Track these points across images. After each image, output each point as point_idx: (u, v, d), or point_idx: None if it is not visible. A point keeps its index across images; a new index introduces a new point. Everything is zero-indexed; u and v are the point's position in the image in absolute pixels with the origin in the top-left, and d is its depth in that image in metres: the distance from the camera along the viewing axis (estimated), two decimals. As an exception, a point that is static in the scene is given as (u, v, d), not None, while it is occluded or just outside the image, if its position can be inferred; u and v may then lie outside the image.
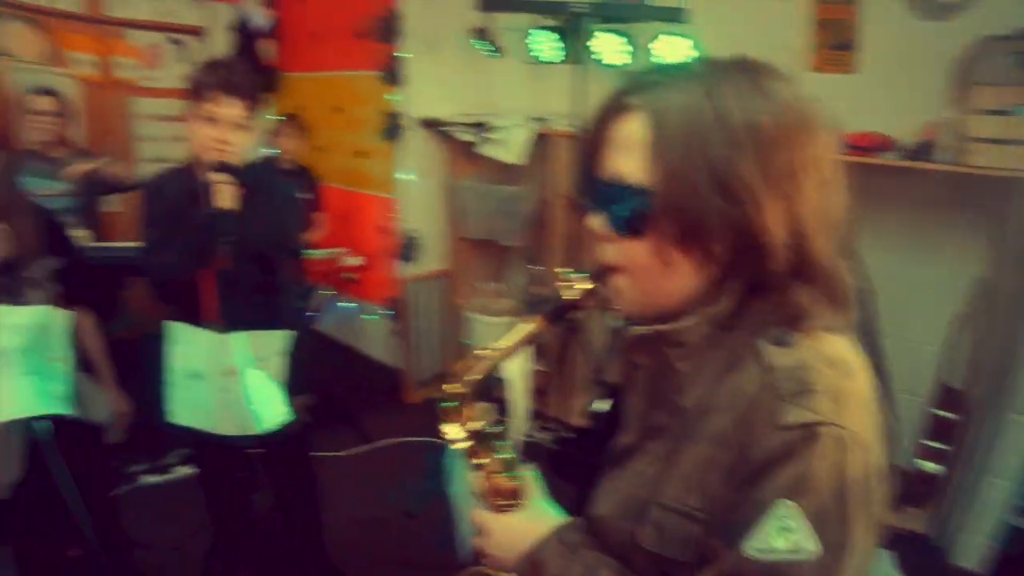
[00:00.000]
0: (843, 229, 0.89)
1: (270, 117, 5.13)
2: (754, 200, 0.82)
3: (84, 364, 2.39)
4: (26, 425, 2.04)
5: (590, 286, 1.03)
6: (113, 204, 4.55)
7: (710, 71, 0.88)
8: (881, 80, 3.26)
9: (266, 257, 2.39)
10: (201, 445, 2.50)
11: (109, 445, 2.57)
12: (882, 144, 3.15)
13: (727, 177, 0.81)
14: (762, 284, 0.87)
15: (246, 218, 2.20)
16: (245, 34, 5.53)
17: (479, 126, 4.39)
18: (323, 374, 4.37)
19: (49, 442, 2.02)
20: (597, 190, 0.93)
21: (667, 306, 0.92)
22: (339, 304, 4.83)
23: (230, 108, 2.16)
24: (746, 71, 0.87)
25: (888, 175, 3.12)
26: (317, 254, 4.35)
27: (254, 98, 2.24)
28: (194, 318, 2.25)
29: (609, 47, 3.73)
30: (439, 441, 2.15)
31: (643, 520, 0.92)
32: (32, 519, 2.27)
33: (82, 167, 3.75)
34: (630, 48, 3.67)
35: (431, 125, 4.64)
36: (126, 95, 5.16)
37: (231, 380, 2.21)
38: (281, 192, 2.53)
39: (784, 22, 3.46)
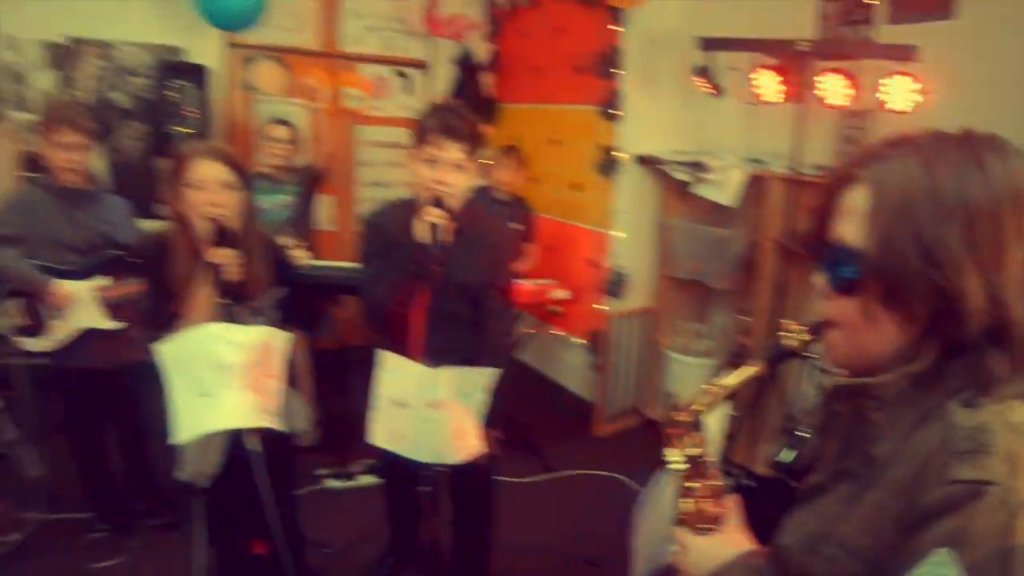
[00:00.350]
0: None
1: (489, 149, 5.40)
2: (957, 269, 0.88)
3: (289, 376, 2.61)
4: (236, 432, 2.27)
5: (809, 337, 1.12)
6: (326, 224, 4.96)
7: (932, 144, 0.94)
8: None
9: (476, 292, 2.49)
10: (392, 462, 2.57)
11: (300, 448, 2.77)
12: None
13: (933, 246, 0.88)
14: (959, 347, 0.92)
15: (459, 255, 2.32)
16: (467, 67, 5.88)
17: (695, 165, 4.33)
18: (516, 400, 4.50)
19: (254, 449, 2.20)
20: (822, 252, 1.03)
21: (871, 362, 0.99)
22: (541, 334, 4.95)
23: (450, 151, 2.29)
24: (968, 145, 0.93)
25: None
26: (525, 284, 4.46)
27: (473, 141, 2.36)
28: (402, 347, 2.38)
29: (833, 87, 3.55)
30: (621, 476, 2.13)
31: (819, 553, 0.99)
32: (224, 511, 2.51)
33: None
34: (852, 90, 3.47)
35: (646, 162, 4.65)
36: (352, 123, 5.69)
37: (434, 412, 2.29)
38: (495, 231, 2.64)
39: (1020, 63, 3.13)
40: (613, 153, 4.77)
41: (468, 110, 2.46)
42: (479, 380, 2.30)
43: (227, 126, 5.23)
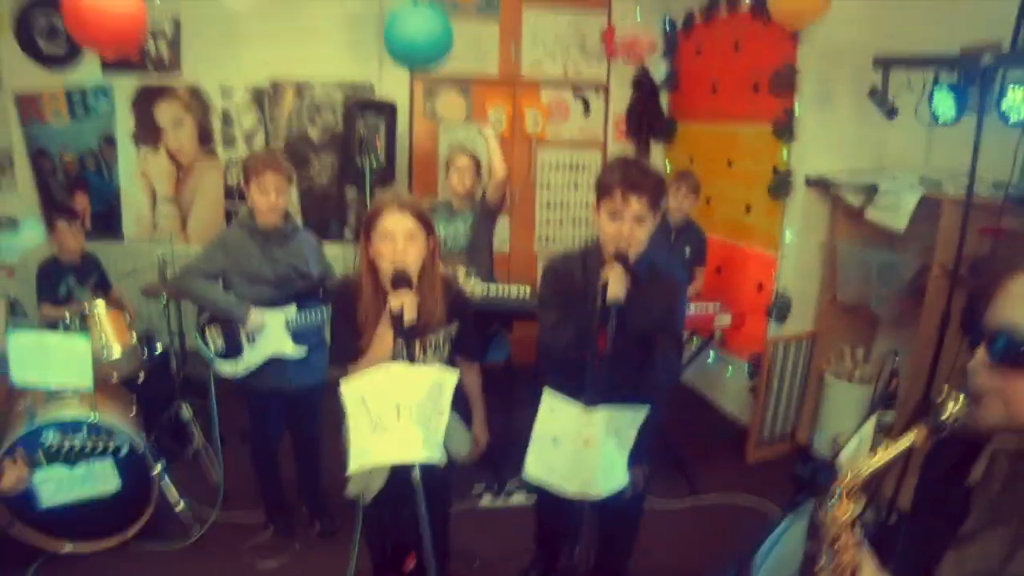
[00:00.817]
0: None
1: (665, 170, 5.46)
2: None
3: (459, 401, 2.71)
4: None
5: (966, 406, 1.21)
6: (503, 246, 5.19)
7: None
8: None
9: (647, 340, 2.56)
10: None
11: (458, 468, 2.94)
12: None
13: None
14: None
15: (635, 305, 2.39)
16: (644, 87, 5.92)
17: (868, 188, 4.16)
18: (671, 420, 4.54)
19: (416, 476, 2.41)
20: (987, 329, 1.15)
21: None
22: (704, 356, 4.93)
23: (633, 205, 2.36)
24: None
25: None
26: (692, 308, 4.46)
27: (655, 194, 2.42)
28: (572, 385, 2.46)
29: (1019, 102, 3.29)
30: (769, 503, 2.14)
31: None
32: (381, 526, 2.74)
33: None
34: None
35: (818, 184, 4.52)
36: (532, 146, 5.88)
37: (586, 448, 2.41)
38: (670, 282, 2.69)
39: None
40: (786, 175, 4.70)
41: (649, 164, 2.56)
42: (631, 419, 2.40)
43: (413, 156, 5.63)
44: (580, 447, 2.35)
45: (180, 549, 3.59)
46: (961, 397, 1.20)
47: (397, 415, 2.26)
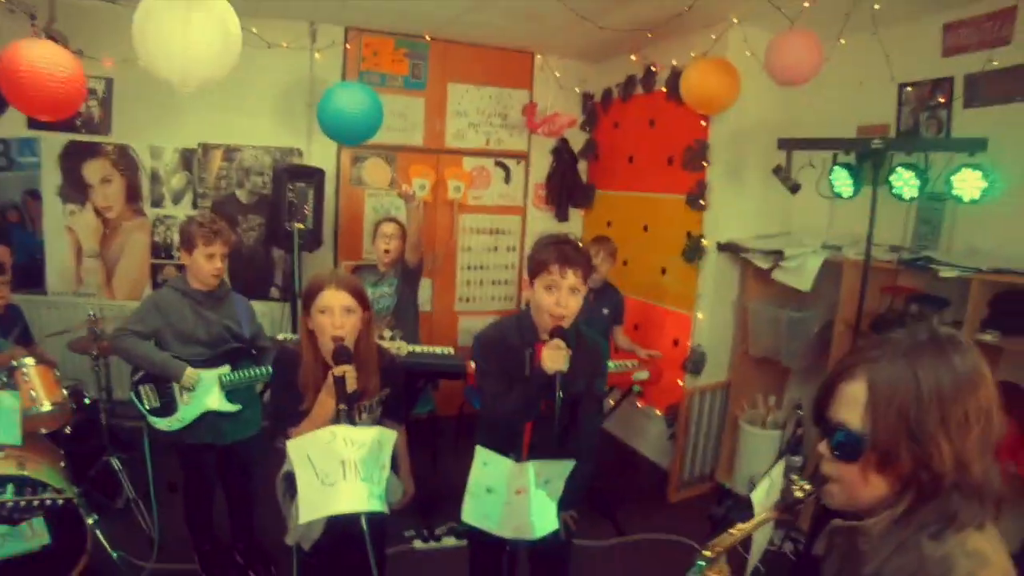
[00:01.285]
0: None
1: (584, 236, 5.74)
2: (935, 443, 1.19)
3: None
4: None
5: (811, 490, 1.39)
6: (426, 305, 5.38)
7: (911, 347, 1.25)
8: None
9: (577, 402, 2.72)
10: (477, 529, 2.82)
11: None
12: None
13: (917, 430, 1.19)
14: (930, 495, 1.22)
15: (570, 375, 2.55)
16: (564, 156, 6.26)
17: (775, 253, 4.53)
18: (598, 467, 4.69)
19: (364, 525, 2.50)
20: (827, 426, 1.33)
21: (861, 507, 1.30)
22: (625, 407, 5.18)
23: (568, 277, 2.55)
24: (937, 346, 1.24)
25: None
26: (612, 366, 4.67)
27: (586, 268, 2.62)
28: (509, 443, 2.66)
29: (905, 180, 3.73)
30: (690, 540, 2.31)
31: None
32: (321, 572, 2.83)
33: None
34: (918, 182, 3.67)
35: (729, 248, 4.86)
36: (454, 211, 6.11)
37: (518, 497, 2.59)
38: (595, 348, 2.87)
39: None
40: (699, 240, 5.04)
41: (576, 241, 2.72)
42: (559, 470, 2.57)
43: (340, 220, 5.76)
44: (513, 496, 2.52)
45: None
46: (805, 484, 1.40)
47: (343, 471, 2.39)
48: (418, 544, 4.15)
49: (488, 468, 2.54)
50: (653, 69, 5.38)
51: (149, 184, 5.17)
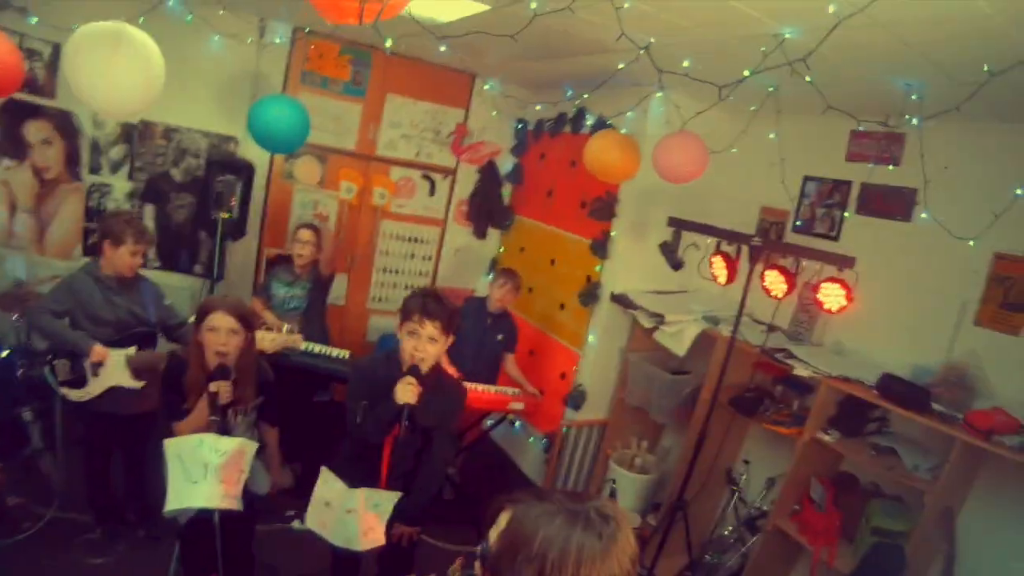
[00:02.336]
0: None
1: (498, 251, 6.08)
2: None
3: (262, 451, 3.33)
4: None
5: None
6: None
7: (558, 509, 1.38)
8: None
9: (429, 433, 3.19)
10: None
11: (267, 498, 3.46)
12: (1004, 427, 3.14)
13: (511, 569, 1.36)
14: None
15: (423, 409, 2.98)
16: (490, 177, 6.56)
17: (658, 316, 4.86)
18: (478, 475, 5.42)
19: (216, 519, 2.95)
20: (481, 540, 1.50)
21: None
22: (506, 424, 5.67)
23: (427, 328, 2.96)
24: (586, 519, 1.37)
25: (1002, 460, 3.19)
26: (494, 390, 5.11)
27: (446, 321, 3.00)
28: (372, 467, 3.08)
29: (774, 279, 4.07)
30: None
31: None
32: (193, 542, 3.26)
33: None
34: (785, 287, 4.01)
35: (620, 301, 5.18)
36: (377, 216, 6.40)
37: (348, 516, 2.99)
38: (453, 391, 3.31)
39: (959, 266, 3.70)
40: (596, 287, 5.37)
41: (447, 298, 3.09)
42: (388, 499, 2.97)
43: (268, 210, 6.01)
44: (343, 514, 2.92)
45: (13, 543, 3.95)
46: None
47: (205, 472, 2.82)
48: (296, 524, 4.53)
49: (327, 486, 2.94)
50: (584, 112, 5.61)
51: (89, 152, 5.33)
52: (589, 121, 5.51)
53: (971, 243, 3.47)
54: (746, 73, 3.46)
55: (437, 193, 6.56)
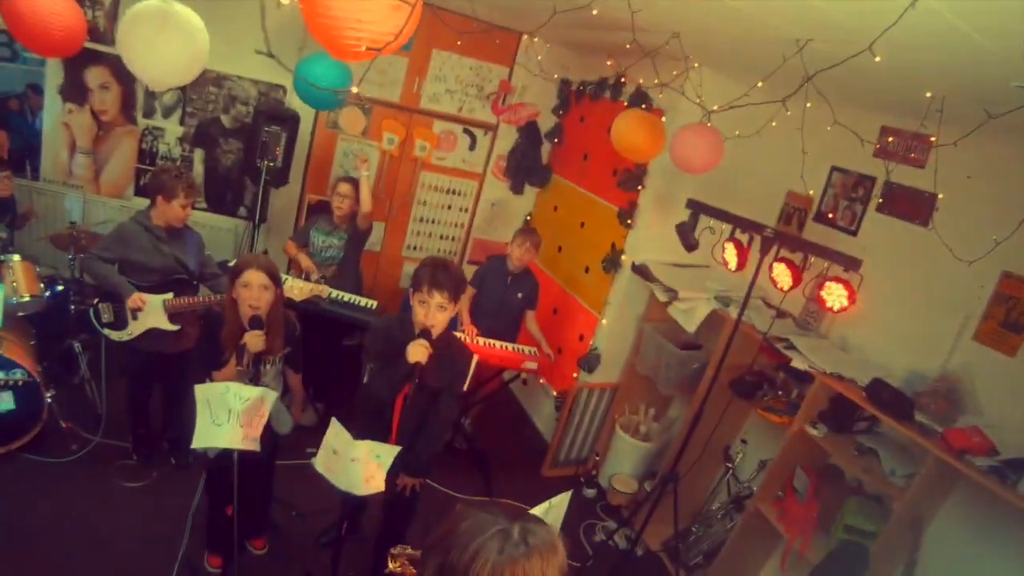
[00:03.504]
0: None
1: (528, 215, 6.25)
2: None
3: (286, 394, 3.76)
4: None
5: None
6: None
7: (497, 523, 1.40)
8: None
9: (437, 392, 3.48)
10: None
11: (286, 437, 3.84)
12: (978, 448, 3.24)
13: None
14: None
15: (432, 368, 3.26)
16: (531, 135, 6.65)
17: (672, 292, 4.99)
18: (491, 425, 5.78)
19: (235, 457, 3.34)
20: None
21: None
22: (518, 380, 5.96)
23: (435, 297, 3.20)
24: (523, 544, 1.37)
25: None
26: (512, 348, 5.34)
27: (454, 290, 3.24)
28: (385, 421, 3.43)
29: (781, 272, 4.15)
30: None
31: None
32: (218, 473, 3.65)
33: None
34: (793, 280, 4.10)
35: (640, 271, 5.32)
36: (417, 168, 6.60)
37: (352, 464, 3.23)
38: (462, 355, 3.57)
39: (967, 279, 3.68)
40: (619, 255, 5.51)
41: (453, 266, 3.32)
42: (389, 452, 3.20)
43: (311, 159, 6.24)
44: (348, 462, 3.17)
45: (59, 463, 4.45)
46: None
47: (228, 417, 3.17)
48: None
49: (336, 435, 3.19)
50: (622, 79, 5.63)
51: (144, 96, 5.64)
52: (629, 88, 5.53)
53: (970, 263, 3.48)
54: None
55: (477, 148, 6.71)
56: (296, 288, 4.66)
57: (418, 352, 3.18)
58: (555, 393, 6.10)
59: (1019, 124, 3.05)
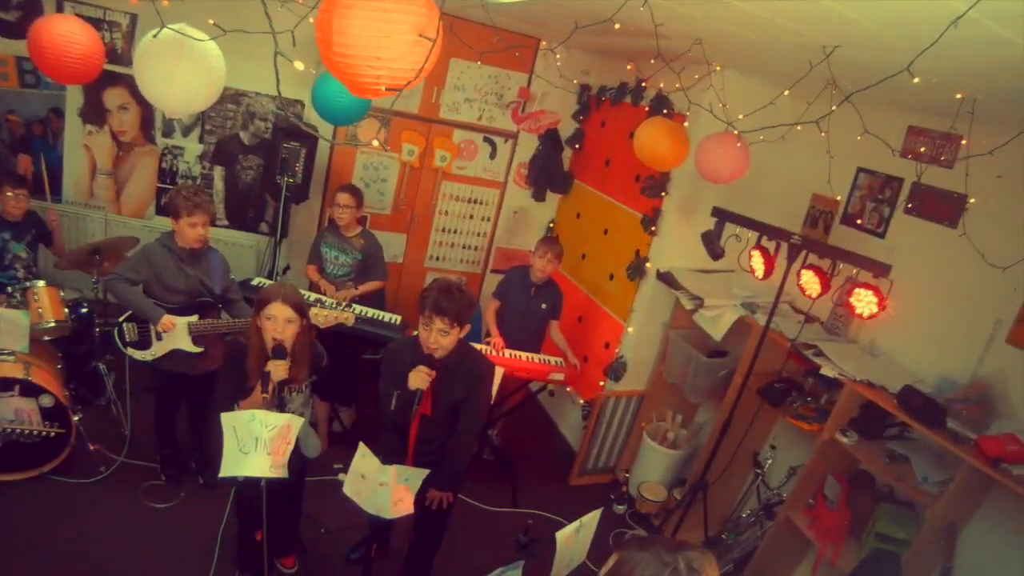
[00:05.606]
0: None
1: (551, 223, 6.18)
2: None
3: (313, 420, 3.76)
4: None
5: None
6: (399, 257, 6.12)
7: (660, 559, 1.47)
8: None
9: (456, 411, 3.50)
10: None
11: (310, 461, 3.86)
12: (1014, 456, 3.17)
13: None
14: None
15: (445, 389, 3.34)
16: (552, 142, 6.60)
17: (698, 300, 4.93)
18: (517, 435, 5.75)
19: (263, 485, 3.31)
20: None
21: None
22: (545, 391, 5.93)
23: (437, 323, 3.23)
24: (666, 564, 1.45)
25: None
26: (538, 359, 5.31)
27: (457, 316, 3.25)
28: (403, 442, 3.48)
29: (809, 279, 4.08)
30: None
31: None
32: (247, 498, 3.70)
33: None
34: (819, 288, 4.01)
35: (665, 279, 5.26)
36: (438, 178, 6.59)
37: (381, 488, 3.28)
38: (477, 370, 3.55)
39: (999, 281, 3.59)
40: (643, 262, 5.46)
41: (459, 291, 3.32)
42: (417, 475, 3.24)
43: (331, 173, 6.26)
44: (376, 487, 3.21)
45: (90, 483, 4.48)
46: None
47: (255, 445, 3.15)
48: (342, 476, 4.80)
49: (364, 460, 3.22)
50: (643, 84, 5.58)
51: (162, 116, 5.66)
52: (650, 93, 5.47)
53: (1004, 269, 3.46)
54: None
55: (498, 156, 6.67)
56: (321, 316, 4.66)
57: (418, 379, 3.26)
58: (582, 402, 6.06)
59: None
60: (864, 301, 3.87)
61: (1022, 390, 3.56)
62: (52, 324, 4.57)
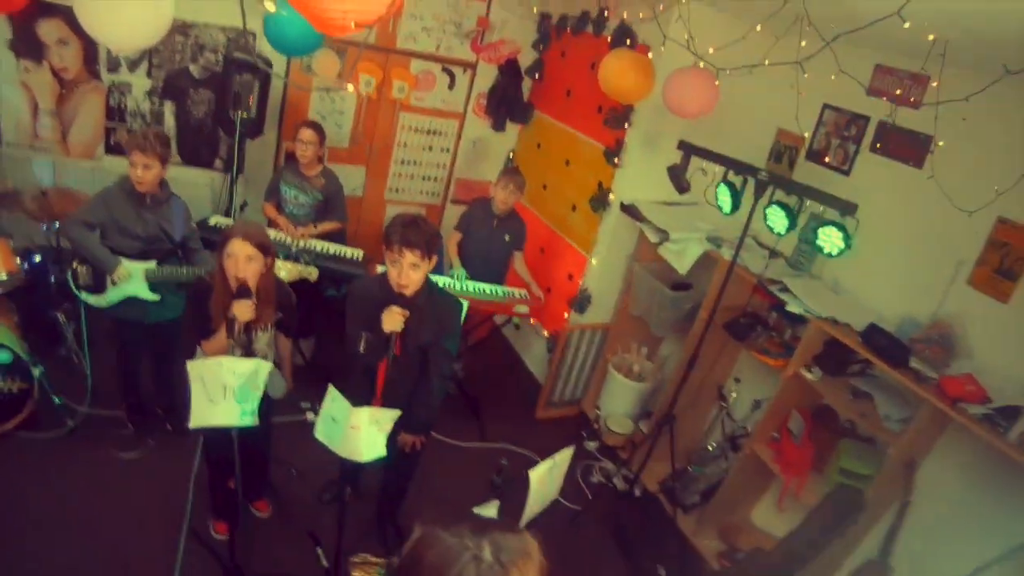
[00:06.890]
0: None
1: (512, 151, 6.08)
2: None
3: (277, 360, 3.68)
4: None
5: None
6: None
7: (464, 543, 1.33)
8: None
9: (425, 348, 3.44)
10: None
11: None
12: (971, 396, 3.26)
13: None
14: None
15: (413, 327, 3.24)
16: (511, 72, 6.46)
17: (663, 233, 4.94)
18: (483, 369, 5.78)
19: (233, 434, 3.26)
20: None
21: None
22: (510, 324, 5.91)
23: (407, 256, 3.15)
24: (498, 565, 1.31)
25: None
26: (502, 293, 5.30)
27: (426, 248, 3.18)
28: (370, 385, 3.42)
29: (776, 216, 4.04)
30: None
31: None
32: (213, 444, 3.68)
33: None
34: (787, 223, 3.96)
35: (629, 211, 5.26)
36: (396, 109, 6.43)
37: (353, 431, 3.21)
38: (447, 306, 3.50)
39: (962, 223, 3.60)
40: (607, 194, 5.43)
41: (424, 221, 3.25)
42: (388, 417, 3.19)
43: (286, 106, 6.06)
44: (348, 430, 3.16)
45: (55, 439, 4.39)
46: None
47: (223, 393, 3.14)
48: (310, 416, 4.88)
49: (334, 403, 3.18)
50: (605, 14, 5.45)
51: (107, 50, 5.35)
52: (613, 23, 5.34)
53: (971, 213, 3.49)
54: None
55: (457, 87, 6.52)
56: (284, 269, 4.57)
57: (393, 321, 3.17)
58: (547, 334, 6.10)
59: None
60: (831, 239, 3.83)
61: (980, 331, 3.65)
62: (4, 278, 4.37)
